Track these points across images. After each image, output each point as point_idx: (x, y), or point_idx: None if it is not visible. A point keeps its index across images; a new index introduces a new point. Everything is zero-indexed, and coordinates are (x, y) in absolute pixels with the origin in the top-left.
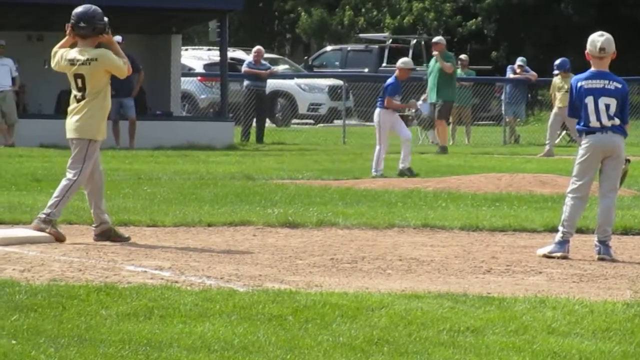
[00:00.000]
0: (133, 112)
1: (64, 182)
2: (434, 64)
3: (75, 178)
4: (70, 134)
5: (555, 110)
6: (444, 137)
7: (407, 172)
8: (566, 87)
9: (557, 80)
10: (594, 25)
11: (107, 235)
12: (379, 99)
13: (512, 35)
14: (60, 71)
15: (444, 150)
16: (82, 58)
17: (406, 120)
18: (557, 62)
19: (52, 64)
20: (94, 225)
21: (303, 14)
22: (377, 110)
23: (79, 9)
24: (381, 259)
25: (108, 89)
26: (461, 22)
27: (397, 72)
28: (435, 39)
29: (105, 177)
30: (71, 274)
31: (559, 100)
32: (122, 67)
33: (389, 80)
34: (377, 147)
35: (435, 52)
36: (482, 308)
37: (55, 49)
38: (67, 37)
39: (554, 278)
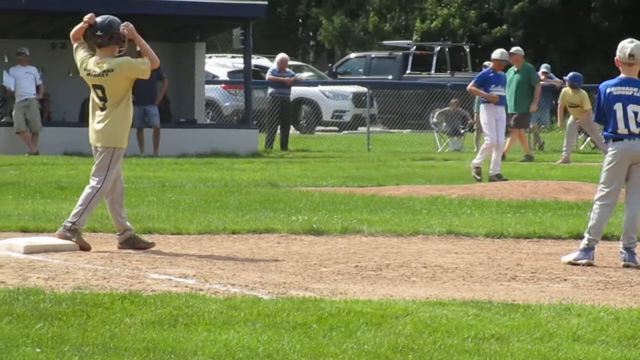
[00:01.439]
0: (157, 120)
1: (87, 190)
2: (512, 75)
3: (99, 186)
4: (94, 141)
5: (570, 118)
6: (526, 146)
7: (496, 178)
8: (576, 102)
9: (568, 92)
10: (621, 32)
11: (131, 242)
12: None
13: (537, 42)
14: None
15: (529, 158)
16: (98, 70)
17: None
18: (571, 76)
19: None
20: (117, 233)
21: (324, 20)
22: (481, 107)
23: (97, 19)
24: (406, 266)
25: (129, 96)
26: (486, 29)
27: (492, 64)
28: (513, 49)
29: (125, 186)
30: (95, 282)
31: (572, 114)
32: (142, 70)
33: (485, 70)
34: (489, 142)
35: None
36: (507, 315)
37: (75, 50)
38: (80, 25)
39: (579, 285)
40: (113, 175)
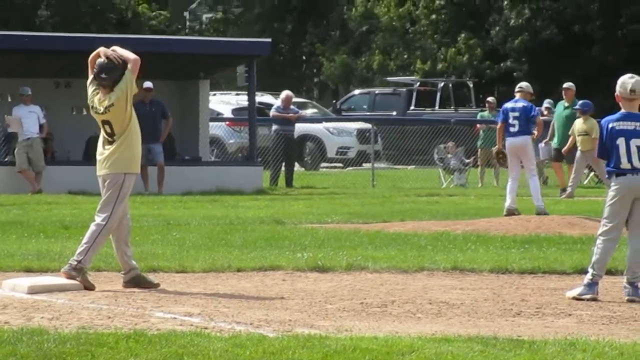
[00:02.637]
0: (161, 158)
1: (92, 227)
2: (562, 109)
3: (104, 223)
4: (103, 171)
5: (578, 154)
6: (563, 179)
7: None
8: (585, 129)
9: (578, 123)
10: (624, 66)
11: (136, 281)
12: (520, 127)
13: (541, 77)
14: None
15: (564, 191)
16: (101, 108)
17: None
18: (581, 103)
19: None
20: (122, 272)
21: (325, 61)
22: (526, 138)
23: (100, 60)
24: (411, 302)
25: (135, 122)
26: (491, 65)
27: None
28: (566, 85)
29: (131, 223)
30: (100, 321)
31: (581, 144)
32: (129, 82)
33: (526, 104)
34: (534, 178)
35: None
36: (512, 351)
37: (88, 84)
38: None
39: (584, 320)
40: (119, 212)
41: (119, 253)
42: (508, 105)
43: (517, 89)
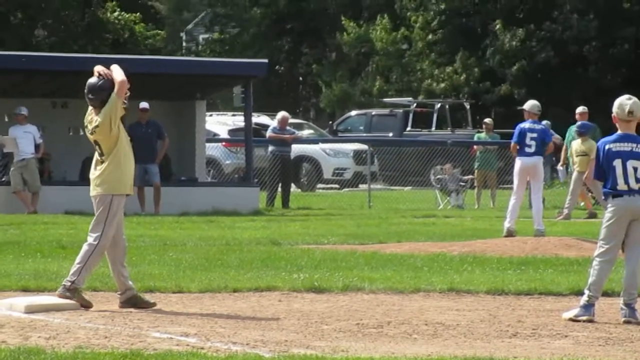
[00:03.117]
0: (157, 178)
1: (85, 247)
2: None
3: (96, 242)
4: (93, 191)
5: (575, 175)
6: (589, 202)
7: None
8: (584, 150)
9: (575, 144)
10: (622, 87)
11: (132, 302)
12: (536, 148)
13: (538, 98)
14: None
15: (592, 215)
16: (90, 127)
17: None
18: (579, 124)
19: None
20: (119, 292)
21: (324, 88)
22: (540, 159)
23: (90, 80)
24: (407, 323)
25: (127, 145)
26: (490, 88)
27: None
28: (580, 109)
29: (127, 244)
30: (97, 341)
31: (579, 164)
32: (114, 105)
33: (544, 127)
34: (540, 199)
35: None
36: None
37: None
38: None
39: (580, 342)
40: (111, 232)
41: (115, 273)
42: (525, 125)
43: (537, 110)
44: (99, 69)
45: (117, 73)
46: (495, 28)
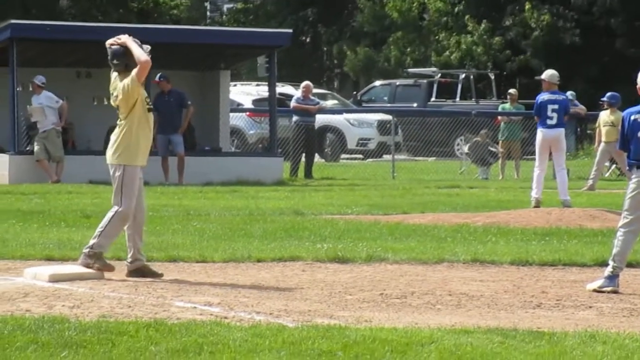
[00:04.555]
0: (181, 148)
1: (107, 214)
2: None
3: (115, 210)
4: (108, 159)
5: (602, 145)
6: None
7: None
8: (613, 121)
9: (604, 114)
10: None
11: (140, 272)
12: (558, 120)
13: (561, 69)
14: None
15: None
16: (114, 93)
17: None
18: (609, 95)
19: None
20: (128, 259)
21: (349, 52)
22: (562, 131)
23: (114, 47)
24: (431, 294)
25: (144, 116)
26: (510, 56)
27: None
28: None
29: (147, 215)
30: (120, 310)
31: (605, 135)
32: (134, 83)
33: (565, 97)
34: (564, 170)
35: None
36: (532, 343)
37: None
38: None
39: (604, 312)
40: (130, 201)
41: (130, 242)
42: (545, 97)
43: (557, 80)
44: (110, 41)
45: (139, 52)
46: (525, 8)
